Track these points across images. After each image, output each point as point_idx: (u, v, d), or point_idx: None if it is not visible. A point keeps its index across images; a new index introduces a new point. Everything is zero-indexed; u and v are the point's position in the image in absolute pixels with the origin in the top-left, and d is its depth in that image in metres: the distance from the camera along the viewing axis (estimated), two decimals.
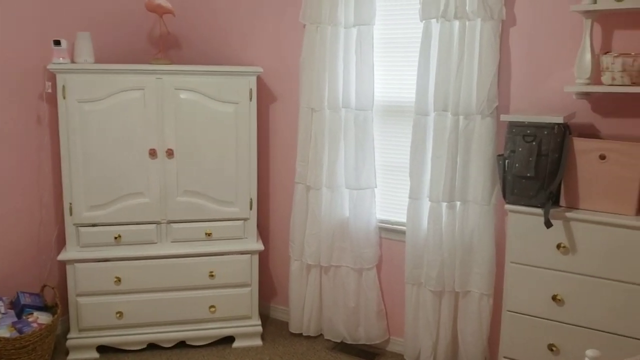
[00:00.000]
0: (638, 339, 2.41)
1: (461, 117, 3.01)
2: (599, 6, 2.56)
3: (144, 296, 3.42)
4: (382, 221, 3.48)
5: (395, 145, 3.39)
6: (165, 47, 3.69)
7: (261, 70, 3.46)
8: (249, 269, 3.54)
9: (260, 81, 3.66)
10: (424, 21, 3.05)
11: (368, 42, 3.26)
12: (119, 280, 3.36)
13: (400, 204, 3.36)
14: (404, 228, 3.31)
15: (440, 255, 3.14)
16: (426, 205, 3.18)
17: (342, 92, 3.37)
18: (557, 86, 2.83)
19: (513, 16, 2.93)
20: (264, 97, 3.77)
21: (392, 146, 3.41)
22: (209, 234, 3.48)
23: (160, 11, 3.59)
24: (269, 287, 4.01)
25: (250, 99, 3.42)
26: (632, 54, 2.52)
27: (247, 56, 3.79)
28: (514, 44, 2.95)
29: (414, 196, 3.19)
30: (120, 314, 3.38)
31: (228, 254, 3.50)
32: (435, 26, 3.03)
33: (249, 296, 3.56)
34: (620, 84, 2.53)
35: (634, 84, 2.52)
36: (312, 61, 3.41)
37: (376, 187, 3.41)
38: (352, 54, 3.32)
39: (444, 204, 3.10)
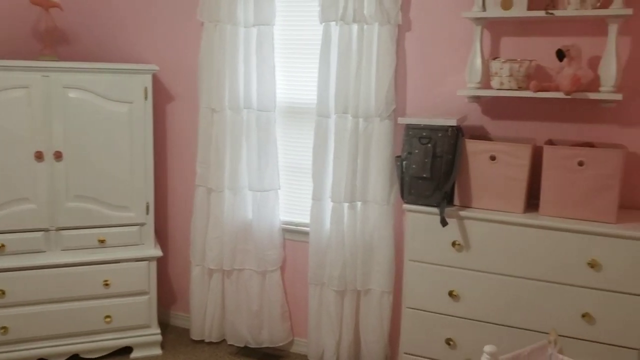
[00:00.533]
0: (530, 331, 2.56)
1: (361, 120, 3.06)
2: (487, 14, 2.69)
3: (32, 309, 3.19)
4: (286, 222, 3.47)
5: (298, 146, 3.39)
6: (52, 42, 3.45)
7: (157, 68, 3.34)
8: (146, 276, 3.40)
9: (156, 80, 3.52)
10: (323, 24, 3.06)
11: (268, 42, 3.23)
12: (3, 293, 3.11)
13: (304, 205, 3.36)
14: (307, 229, 3.32)
15: (342, 255, 3.18)
16: (328, 206, 3.20)
17: (243, 92, 3.32)
18: (451, 90, 2.95)
19: (409, 21, 3.02)
20: (161, 96, 3.63)
21: (295, 147, 3.40)
22: (102, 241, 3.31)
23: (45, 4, 3.36)
24: (169, 294, 3.88)
25: (146, 98, 3.28)
26: (518, 60, 2.68)
27: (143, 53, 3.64)
28: (410, 48, 3.04)
29: (317, 197, 3.21)
30: (4, 329, 3.13)
31: (124, 262, 3.34)
32: (335, 29, 3.05)
33: (147, 304, 3.42)
34: (508, 88, 2.68)
35: (520, 88, 2.67)
36: (211, 60, 3.33)
37: (279, 188, 3.39)
38: (252, 54, 3.27)
39: (346, 205, 3.14)
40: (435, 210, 2.66)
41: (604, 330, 2.44)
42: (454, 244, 2.66)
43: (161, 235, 3.75)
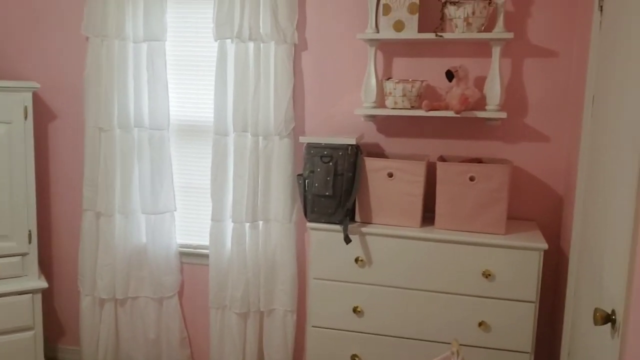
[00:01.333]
0: (433, 342, 2.64)
1: (260, 138, 3.03)
2: (380, 36, 2.78)
3: None
4: (183, 245, 3.35)
5: (195, 166, 3.28)
6: None
7: (38, 86, 3.10)
8: (30, 310, 3.12)
9: (38, 98, 3.27)
10: (218, 41, 3.00)
11: (160, 58, 3.12)
12: None
13: (202, 226, 3.26)
14: (206, 251, 3.22)
15: (244, 275, 3.12)
16: (229, 226, 3.13)
17: (134, 110, 3.17)
18: (348, 108, 3.00)
19: (305, 40, 3.04)
20: (43, 115, 3.38)
21: (191, 167, 3.30)
22: None
23: None
24: (57, 327, 3.59)
25: (26, 117, 3.03)
26: (411, 80, 2.78)
27: (23, 70, 3.36)
28: (307, 68, 3.06)
29: (217, 218, 3.13)
30: None
31: (4, 296, 3.05)
32: (231, 46, 3.01)
33: (32, 340, 3.14)
34: (402, 107, 2.77)
35: (413, 107, 2.78)
36: (98, 77, 3.15)
37: (175, 210, 3.26)
38: (143, 70, 3.14)
39: (247, 224, 3.09)
40: (338, 227, 2.68)
41: (499, 337, 2.58)
42: (357, 260, 2.70)
43: (46, 264, 3.47)
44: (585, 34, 2.51)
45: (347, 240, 2.63)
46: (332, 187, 2.69)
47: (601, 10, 2.29)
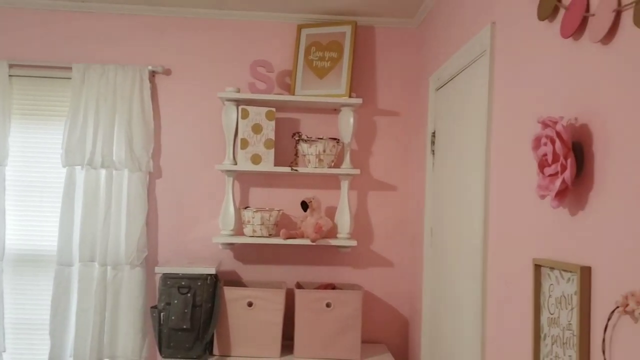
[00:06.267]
0: None
1: (109, 268, 2.88)
2: (239, 167, 2.89)
3: None
4: None
5: (31, 299, 2.97)
6: None
7: None
8: None
9: None
10: (67, 167, 2.89)
11: None
12: None
13: None
14: None
15: None
16: None
17: None
18: (204, 236, 3.00)
19: (159, 169, 3.04)
20: None
21: (27, 301, 2.97)
22: None
23: None
24: None
25: None
26: (268, 209, 2.89)
27: None
28: (162, 195, 3.04)
29: (55, 357, 2.82)
30: None
31: None
32: (80, 173, 2.91)
33: None
34: (260, 235, 2.85)
35: (270, 235, 2.87)
36: None
37: (4, 351, 2.89)
38: None
39: None
40: None
41: None
42: None
43: None
44: (420, 172, 2.86)
45: None
46: (190, 319, 2.61)
47: (433, 154, 2.65)
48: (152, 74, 3.02)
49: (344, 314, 2.73)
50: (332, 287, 2.93)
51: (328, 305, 2.73)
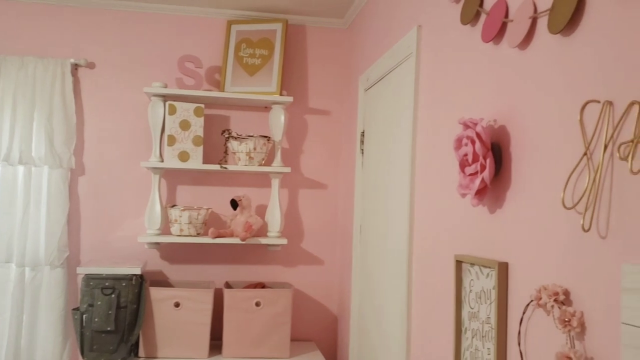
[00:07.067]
0: None
1: (27, 269, 2.75)
2: (165, 165, 2.82)
3: None
4: None
5: None
6: None
7: None
8: None
9: None
10: None
11: None
12: None
13: None
14: None
15: None
16: None
17: None
18: (130, 235, 2.92)
19: (82, 165, 2.93)
20: None
21: None
22: None
23: None
24: None
25: None
26: (196, 207, 2.84)
27: None
28: (85, 193, 2.93)
29: None
30: None
31: None
32: None
33: None
34: (188, 234, 2.80)
35: (199, 234, 2.82)
36: None
37: None
38: None
39: None
40: None
41: None
42: None
43: None
44: (350, 171, 2.89)
45: None
46: (115, 321, 2.53)
47: (362, 153, 2.69)
48: (75, 67, 2.90)
49: (273, 312, 2.72)
50: (262, 286, 2.92)
51: (257, 304, 2.71)
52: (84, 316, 2.54)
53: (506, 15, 1.38)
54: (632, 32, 0.98)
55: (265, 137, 2.89)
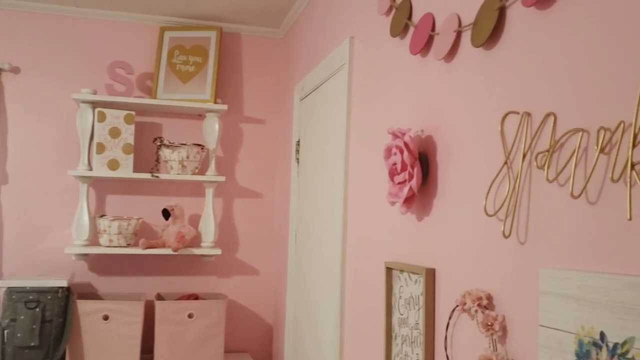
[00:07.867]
0: None
1: None
2: (94, 173, 2.73)
3: None
4: None
5: None
6: None
7: None
8: None
9: None
10: None
11: None
12: None
13: None
14: None
15: None
16: None
17: None
18: (56, 246, 2.81)
19: (5, 174, 2.80)
20: None
21: None
22: None
23: None
24: None
25: None
26: (126, 217, 2.77)
27: None
28: (8, 203, 2.79)
29: None
30: None
31: None
32: None
33: None
34: (117, 245, 2.71)
35: (129, 245, 2.74)
36: None
37: None
38: None
39: None
40: None
41: None
42: None
43: None
44: (286, 180, 2.89)
45: None
46: (39, 336, 2.42)
47: (298, 162, 2.69)
48: None
49: (206, 324, 2.68)
50: (195, 297, 2.87)
51: (190, 316, 2.66)
52: (6, 331, 2.42)
53: (433, 29, 1.43)
54: (548, 47, 1.03)
55: (199, 145, 2.85)
